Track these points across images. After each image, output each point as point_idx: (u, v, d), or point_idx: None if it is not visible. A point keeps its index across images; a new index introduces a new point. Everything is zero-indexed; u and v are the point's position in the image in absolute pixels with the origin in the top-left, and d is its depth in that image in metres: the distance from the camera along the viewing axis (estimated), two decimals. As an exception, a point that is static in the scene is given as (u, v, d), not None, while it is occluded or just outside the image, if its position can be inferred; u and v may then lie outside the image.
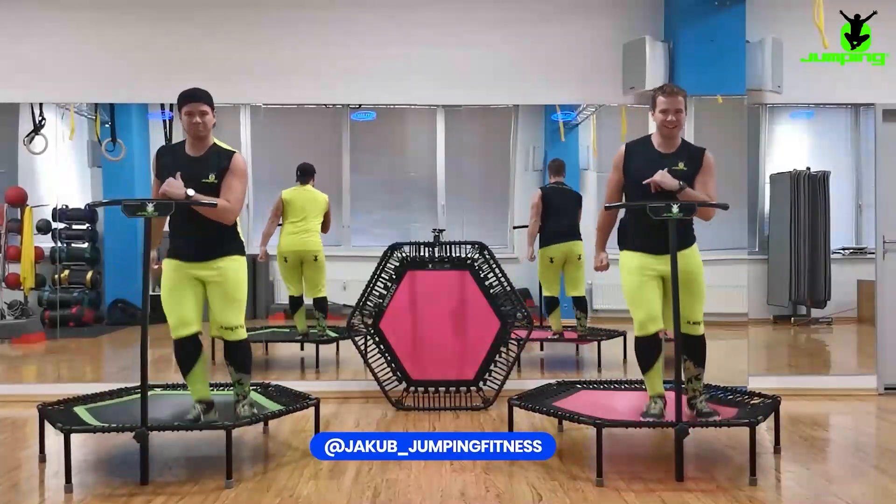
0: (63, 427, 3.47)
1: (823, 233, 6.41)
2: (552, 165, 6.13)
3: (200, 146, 3.71)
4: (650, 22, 5.58)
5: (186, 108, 3.64)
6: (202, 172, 3.66)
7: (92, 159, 6.28)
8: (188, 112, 3.63)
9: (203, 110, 3.64)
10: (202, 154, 3.70)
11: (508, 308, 5.11)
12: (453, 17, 5.63)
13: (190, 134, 3.69)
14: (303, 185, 6.05)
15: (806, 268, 6.40)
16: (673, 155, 3.73)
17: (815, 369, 6.19)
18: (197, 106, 3.63)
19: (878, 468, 3.77)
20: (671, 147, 3.74)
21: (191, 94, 3.66)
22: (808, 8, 4.74)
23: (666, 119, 3.68)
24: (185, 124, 3.67)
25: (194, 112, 3.63)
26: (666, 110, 3.67)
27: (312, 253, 6.00)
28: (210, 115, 3.67)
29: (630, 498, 3.31)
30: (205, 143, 3.71)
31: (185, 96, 3.66)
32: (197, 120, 3.63)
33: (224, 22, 5.56)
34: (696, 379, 3.84)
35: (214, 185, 3.67)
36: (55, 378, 5.98)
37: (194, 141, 3.70)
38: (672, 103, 3.66)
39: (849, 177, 6.63)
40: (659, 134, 3.75)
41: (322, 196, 6.07)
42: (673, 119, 3.67)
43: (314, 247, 6.01)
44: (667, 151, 3.73)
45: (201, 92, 3.69)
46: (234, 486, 3.45)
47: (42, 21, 5.52)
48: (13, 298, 6.37)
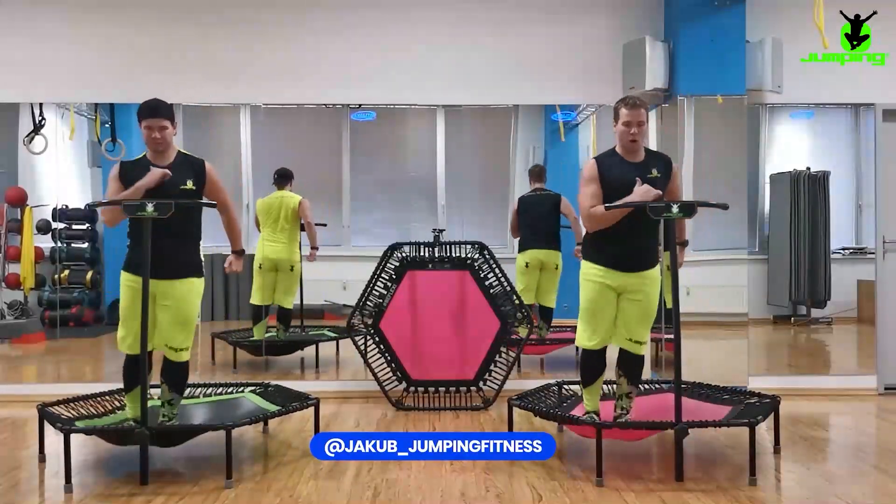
0: (63, 427, 3.48)
1: (823, 233, 6.41)
2: (532, 172, 6.13)
3: (165, 156, 3.69)
4: (650, 22, 5.58)
5: (146, 123, 3.62)
6: (179, 179, 3.65)
7: (92, 159, 6.28)
8: (147, 126, 3.62)
9: (163, 125, 3.62)
10: (172, 162, 3.68)
11: (508, 308, 5.11)
12: (453, 17, 5.63)
13: (149, 147, 3.67)
14: (279, 190, 5.98)
15: (806, 268, 6.41)
16: (644, 163, 3.74)
17: (815, 369, 6.19)
18: (157, 121, 3.61)
19: (878, 468, 3.77)
20: (637, 156, 3.76)
21: (150, 109, 3.63)
22: (808, 8, 4.74)
23: (629, 131, 3.67)
24: (144, 137, 3.65)
25: (153, 127, 3.61)
26: (629, 122, 3.67)
27: (288, 262, 5.94)
28: (170, 129, 3.65)
29: (630, 498, 3.31)
30: (169, 152, 3.70)
31: (143, 111, 3.64)
32: (156, 135, 3.61)
33: (224, 22, 5.56)
34: (627, 397, 3.88)
35: (193, 191, 3.67)
36: (55, 378, 5.98)
37: (155, 153, 3.68)
38: (635, 116, 3.66)
39: (849, 177, 6.64)
40: (621, 146, 3.75)
41: (293, 199, 5.96)
42: (636, 131, 3.67)
43: (288, 255, 5.94)
44: (637, 161, 3.75)
45: (161, 105, 3.65)
46: (234, 486, 3.45)
47: (42, 21, 5.51)
48: (13, 298, 6.38)
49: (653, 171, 3.71)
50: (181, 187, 3.64)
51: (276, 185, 6.00)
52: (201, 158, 3.78)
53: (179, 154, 3.73)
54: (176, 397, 3.81)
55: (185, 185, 3.65)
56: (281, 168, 6.02)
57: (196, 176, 3.69)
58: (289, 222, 5.94)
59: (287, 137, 6.59)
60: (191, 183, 3.66)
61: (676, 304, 3.58)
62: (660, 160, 3.81)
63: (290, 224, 5.94)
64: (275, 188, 6.01)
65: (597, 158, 3.82)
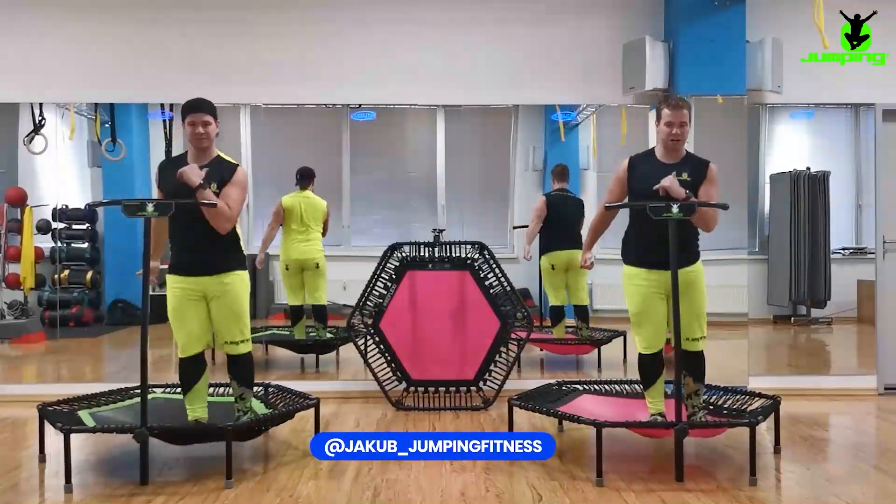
0: (63, 427, 3.47)
1: (823, 233, 6.41)
2: (556, 171, 6.09)
3: (203, 157, 3.69)
4: (650, 22, 5.58)
5: (189, 119, 3.64)
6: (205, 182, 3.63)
7: (92, 159, 6.28)
8: (191, 122, 3.63)
9: (206, 120, 3.64)
10: (205, 164, 3.68)
11: (508, 308, 5.11)
12: (453, 18, 5.62)
13: (192, 144, 3.68)
14: (302, 190, 6.01)
15: (806, 268, 6.41)
16: (676, 165, 3.72)
17: (815, 369, 6.19)
18: (200, 116, 3.63)
19: (878, 468, 3.77)
20: (675, 158, 3.74)
21: (194, 105, 3.66)
22: (808, 8, 4.74)
23: (671, 132, 3.66)
24: (187, 134, 3.66)
25: (197, 122, 3.63)
26: (671, 123, 3.66)
27: (314, 261, 5.98)
28: (213, 126, 3.67)
29: (630, 498, 3.31)
30: (208, 153, 3.70)
31: (188, 107, 3.66)
32: (200, 130, 3.62)
33: (224, 22, 5.56)
34: (696, 395, 3.83)
35: (216, 195, 3.66)
36: (55, 378, 5.98)
37: (197, 152, 3.69)
38: (677, 116, 3.65)
39: (849, 177, 6.64)
40: (663, 146, 3.74)
41: (322, 202, 6.03)
42: (678, 132, 3.66)
43: (315, 255, 5.98)
44: (670, 162, 3.73)
45: (205, 102, 3.68)
46: (234, 486, 3.45)
47: (42, 21, 5.51)
48: (13, 298, 6.38)
49: (683, 173, 3.69)
50: None
51: (299, 185, 6.02)
52: (237, 163, 3.76)
53: (217, 158, 3.73)
54: (246, 391, 3.83)
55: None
56: (303, 168, 6.04)
57: (222, 178, 3.67)
58: (316, 224, 6.00)
59: (287, 137, 6.59)
60: (214, 186, 3.63)
61: (676, 304, 3.58)
62: (695, 164, 3.77)
63: (317, 225, 6.00)
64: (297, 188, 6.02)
65: (631, 157, 3.83)
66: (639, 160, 3.81)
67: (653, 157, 3.78)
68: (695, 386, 3.82)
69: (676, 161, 3.74)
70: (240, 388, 3.82)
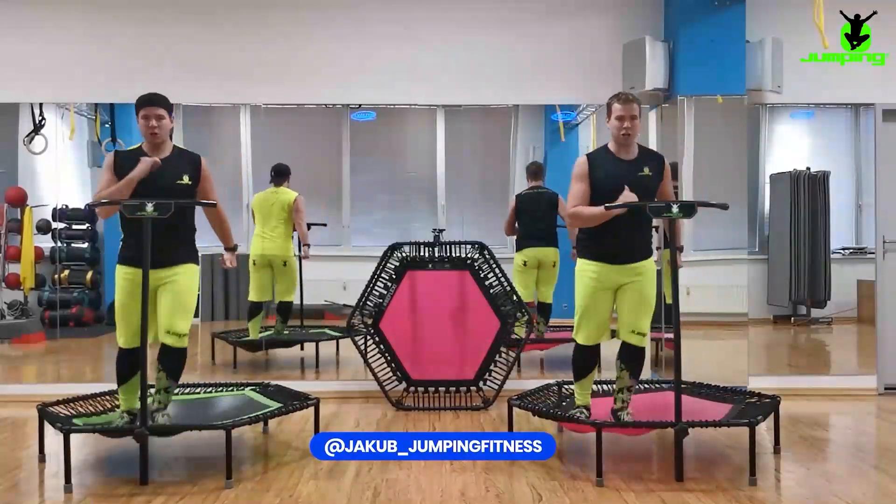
0: (63, 427, 3.47)
1: (823, 233, 6.41)
2: (530, 169, 6.12)
3: (160, 150, 3.72)
4: (650, 22, 5.58)
5: (143, 112, 3.66)
6: (176, 174, 3.68)
7: (92, 159, 6.28)
8: (144, 116, 3.66)
9: (159, 114, 3.66)
10: (168, 156, 3.71)
11: (508, 308, 5.11)
12: (453, 17, 5.62)
13: (146, 138, 3.70)
14: (276, 187, 5.98)
15: (806, 268, 6.40)
16: (636, 161, 3.75)
17: (815, 369, 6.19)
18: (153, 110, 3.65)
19: (878, 468, 3.77)
20: (630, 154, 3.76)
21: (148, 99, 3.68)
22: (808, 8, 4.74)
23: (622, 125, 3.69)
24: (141, 128, 3.69)
25: (150, 116, 3.65)
26: (622, 117, 3.68)
27: (280, 258, 5.95)
28: (167, 120, 3.69)
29: (630, 498, 3.31)
30: (164, 146, 3.73)
31: (142, 101, 3.68)
32: (153, 124, 3.64)
33: (224, 22, 5.56)
34: (628, 390, 3.87)
35: (189, 185, 3.71)
36: (55, 378, 5.98)
37: (151, 145, 3.71)
38: (627, 110, 3.68)
39: (849, 177, 6.63)
40: (615, 142, 3.76)
41: (288, 196, 5.95)
42: (628, 125, 3.68)
43: (279, 251, 5.94)
44: (629, 158, 3.75)
45: (158, 97, 3.70)
46: (234, 486, 3.45)
47: (42, 21, 5.51)
48: (13, 298, 6.38)
49: (644, 168, 3.73)
50: (177, 182, 3.68)
51: (272, 182, 6.00)
52: (197, 154, 3.82)
53: (176, 148, 3.78)
54: (172, 384, 3.79)
55: (181, 180, 3.69)
56: (278, 164, 6.03)
57: (192, 171, 3.74)
58: (282, 219, 5.94)
59: (287, 137, 6.59)
60: (187, 178, 3.70)
61: (676, 304, 3.58)
62: (652, 158, 3.82)
63: (284, 220, 5.94)
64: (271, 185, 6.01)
65: (588, 155, 3.83)
66: (597, 157, 3.80)
67: (609, 153, 3.79)
68: (629, 382, 3.86)
69: (634, 156, 3.76)
70: (168, 380, 3.73)
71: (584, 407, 3.92)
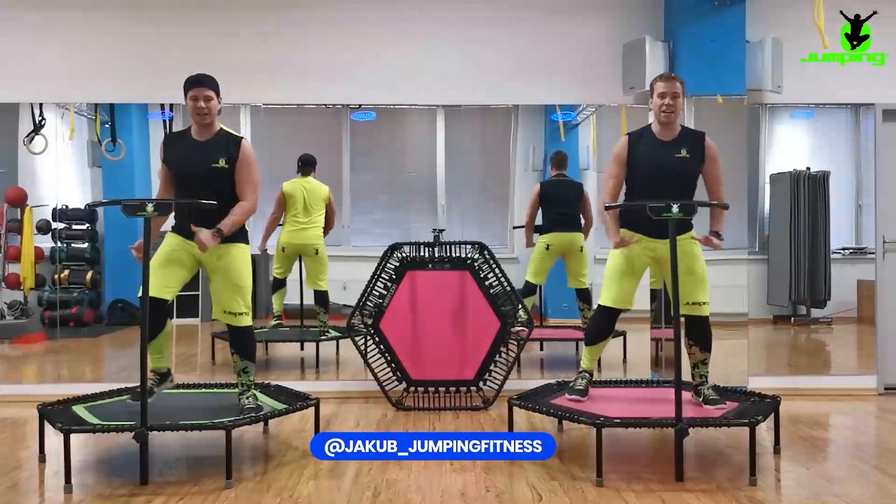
0: (63, 427, 3.47)
1: (823, 233, 6.41)
2: (553, 158, 6.16)
3: (207, 131, 3.76)
4: (650, 22, 5.58)
5: (192, 93, 3.71)
6: (211, 157, 3.71)
7: (92, 159, 6.28)
8: (193, 97, 3.70)
9: (207, 95, 3.71)
10: (210, 139, 3.75)
11: (508, 308, 5.11)
12: (453, 17, 5.63)
13: (194, 119, 3.74)
14: (304, 177, 6.06)
15: (806, 268, 6.40)
16: (675, 142, 3.78)
17: (815, 369, 6.19)
18: (202, 91, 3.70)
19: (878, 468, 3.77)
20: (671, 134, 3.80)
21: (196, 80, 3.74)
22: (808, 8, 4.75)
23: (664, 102, 3.73)
24: (189, 109, 3.73)
25: (199, 97, 3.70)
26: (664, 94, 3.73)
27: (313, 247, 6.02)
28: (215, 101, 3.74)
29: (630, 498, 3.31)
30: (211, 128, 3.77)
31: (190, 81, 3.73)
32: (201, 104, 3.69)
33: (224, 22, 5.56)
34: (703, 364, 3.89)
35: (225, 169, 3.73)
36: (55, 378, 5.97)
37: (199, 127, 3.75)
38: (669, 87, 3.73)
39: (849, 177, 6.63)
40: (657, 121, 3.80)
41: (323, 188, 6.08)
42: (670, 103, 3.72)
43: (314, 240, 6.02)
44: (668, 139, 3.76)
45: (207, 77, 3.76)
46: (234, 486, 3.45)
47: (42, 21, 5.51)
48: (13, 298, 6.37)
49: (682, 150, 3.76)
50: (212, 165, 3.70)
51: (300, 172, 6.07)
52: (240, 136, 3.83)
53: (220, 131, 3.80)
54: (249, 364, 3.86)
55: (216, 164, 3.71)
56: (304, 154, 6.10)
57: (230, 153, 3.74)
58: (317, 209, 6.02)
59: (287, 137, 6.59)
60: (223, 161, 3.71)
61: (677, 304, 3.57)
62: (692, 139, 3.83)
63: (318, 211, 6.03)
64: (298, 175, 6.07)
65: (629, 134, 3.89)
66: (636, 138, 3.85)
67: (650, 133, 3.83)
68: (701, 355, 3.85)
69: (673, 137, 3.78)
70: (242, 361, 3.86)
71: (587, 371, 3.98)
